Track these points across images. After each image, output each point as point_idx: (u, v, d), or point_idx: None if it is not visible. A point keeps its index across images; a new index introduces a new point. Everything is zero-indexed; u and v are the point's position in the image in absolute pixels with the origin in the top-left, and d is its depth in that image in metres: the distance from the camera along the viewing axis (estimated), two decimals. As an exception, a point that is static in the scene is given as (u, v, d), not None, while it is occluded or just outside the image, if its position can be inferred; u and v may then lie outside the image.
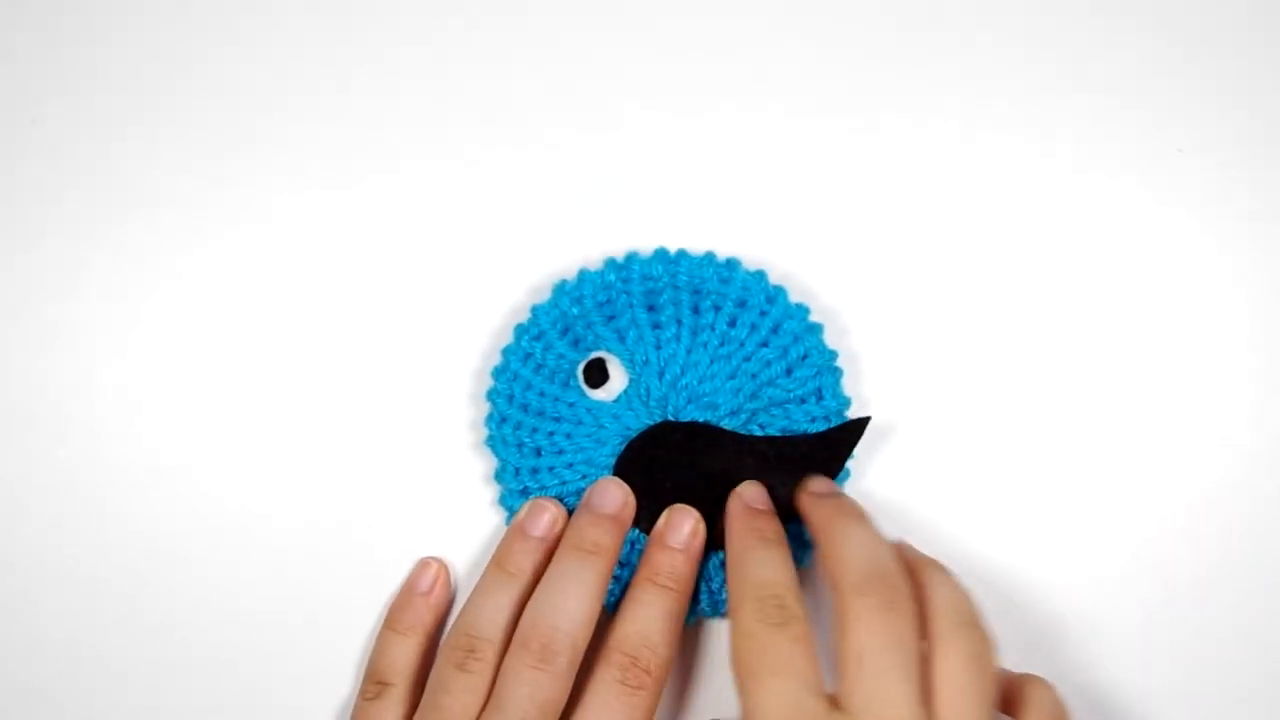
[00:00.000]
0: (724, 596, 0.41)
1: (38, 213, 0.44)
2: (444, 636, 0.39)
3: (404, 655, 0.41)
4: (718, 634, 0.42)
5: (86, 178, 0.44)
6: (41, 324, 0.44)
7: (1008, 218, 0.43)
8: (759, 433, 0.41)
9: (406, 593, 0.42)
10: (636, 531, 0.41)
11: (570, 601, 0.38)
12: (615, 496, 0.40)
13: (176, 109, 0.45)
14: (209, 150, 0.44)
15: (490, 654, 0.38)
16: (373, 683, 0.41)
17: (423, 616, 0.42)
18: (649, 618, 0.38)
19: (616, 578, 0.40)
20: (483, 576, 0.40)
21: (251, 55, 0.45)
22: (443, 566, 0.42)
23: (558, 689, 0.37)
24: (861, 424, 0.41)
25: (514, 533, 0.41)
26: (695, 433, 0.41)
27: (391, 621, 0.42)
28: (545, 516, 0.41)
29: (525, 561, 0.40)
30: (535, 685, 0.37)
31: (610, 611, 0.40)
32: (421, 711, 0.38)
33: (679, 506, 0.40)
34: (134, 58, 0.45)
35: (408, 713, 0.39)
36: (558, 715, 0.37)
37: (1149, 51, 0.44)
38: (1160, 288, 0.43)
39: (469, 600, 0.40)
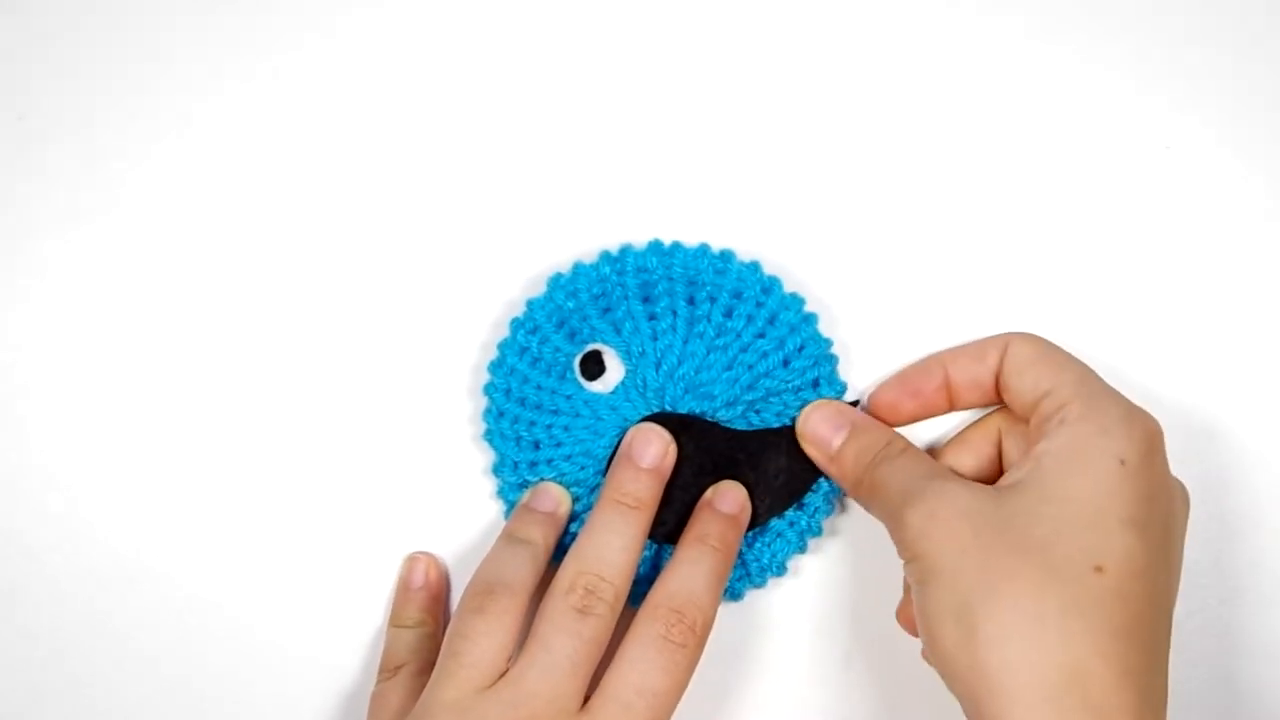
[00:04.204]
0: (728, 584, 0.41)
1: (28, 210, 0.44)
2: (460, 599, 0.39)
3: (413, 642, 0.41)
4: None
5: (76, 175, 0.44)
6: (36, 321, 0.44)
7: (997, 210, 0.43)
8: (756, 421, 0.42)
9: (402, 590, 0.42)
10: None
11: (612, 553, 0.38)
12: (657, 447, 0.40)
13: (170, 105, 0.44)
14: (200, 145, 0.44)
15: (507, 598, 0.38)
16: (386, 670, 0.41)
17: (423, 607, 0.42)
18: (697, 574, 0.38)
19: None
20: (492, 548, 0.40)
21: (245, 49, 0.44)
22: (431, 559, 0.43)
23: (603, 632, 0.37)
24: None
25: (520, 510, 0.41)
26: (685, 425, 0.41)
27: (394, 618, 0.42)
28: (550, 496, 0.41)
29: (534, 532, 0.40)
30: (583, 623, 0.36)
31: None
32: (440, 662, 0.37)
33: (730, 481, 0.41)
34: (125, 55, 0.45)
35: (421, 687, 0.38)
36: (598, 661, 0.37)
37: (1137, 50, 0.44)
38: (1149, 286, 0.43)
39: (481, 564, 0.40)
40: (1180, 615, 0.36)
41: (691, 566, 0.38)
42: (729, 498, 0.40)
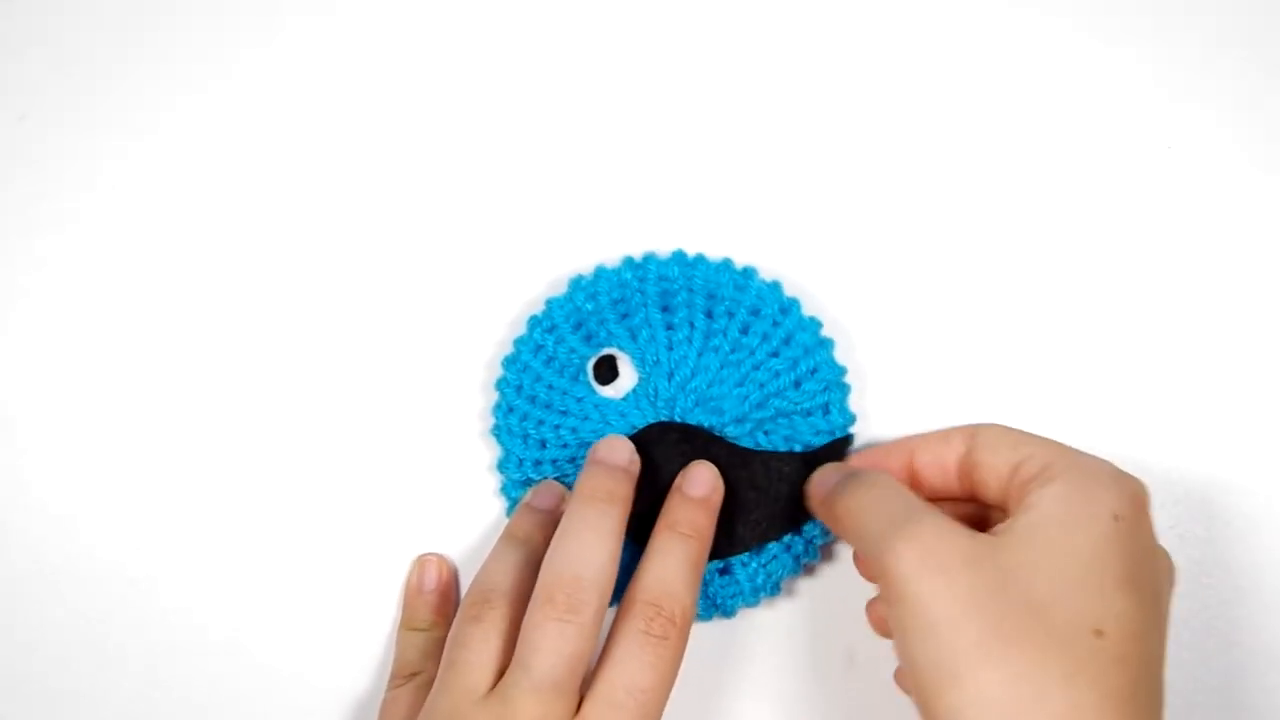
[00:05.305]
0: (719, 601, 0.42)
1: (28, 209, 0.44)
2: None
3: (425, 646, 0.41)
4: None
5: (77, 175, 0.44)
6: (36, 321, 0.43)
7: (1011, 227, 0.44)
8: (764, 442, 0.42)
9: (414, 592, 0.42)
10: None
11: (590, 550, 0.37)
12: (622, 451, 0.40)
13: (171, 105, 0.44)
14: (204, 146, 0.44)
15: (503, 605, 0.37)
16: (399, 676, 0.41)
17: (435, 609, 0.42)
18: (670, 565, 0.38)
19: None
20: (494, 547, 0.40)
21: (253, 49, 0.44)
22: (441, 560, 0.42)
23: (585, 641, 0.36)
24: (844, 443, 0.42)
25: (522, 508, 0.41)
26: (690, 436, 0.41)
27: (406, 621, 0.42)
28: (552, 493, 0.41)
29: (535, 531, 0.40)
30: (561, 638, 0.35)
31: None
32: (440, 671, 0.37)
33: (700, 461, 0.40)
34: (126, 55, 0.44)
35: None
36: (585, 668, 0.36)
37: (1139, 50, 0.44)
38: (1154, 289, 0.43)
39: (481, 568, 0.40)
40: (1183, 616, 0.37)
41: (664, 557, 0.38)
42: (698, 480, 0.40)
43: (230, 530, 0.43)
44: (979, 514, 0.39)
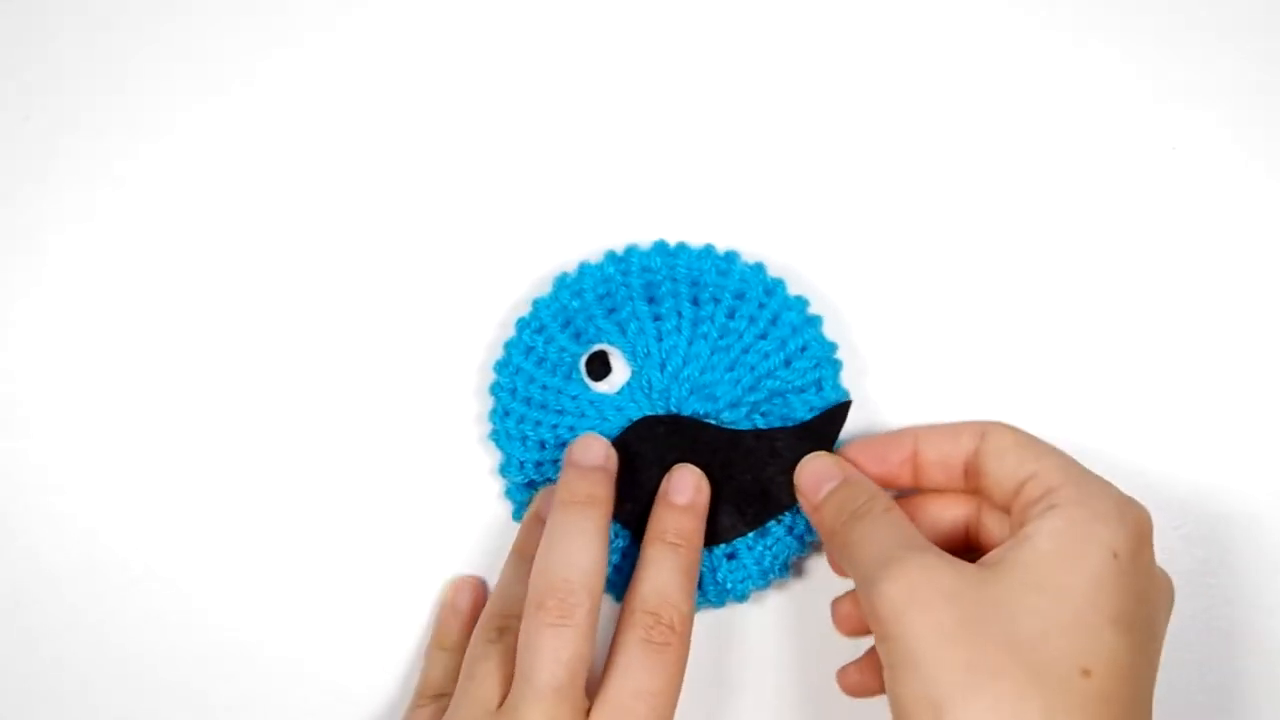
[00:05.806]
0: (729, 586, 0.41)
1: (32, 210, 0.45)
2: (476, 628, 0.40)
3: (454, 669, 0.41)
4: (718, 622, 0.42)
5: (81, 175, 0.45)
6: (40, 321, 0.44)
7: (1007, 213, 0.43)
8: (760, 422, 0.42)
9: (448, 611, 0.42)
10: (626, 540, 0.41)
11: (576, 553, 0.37)
12: (597, 450, 0.40)
13: (174, 106, 0.45)
14: (206, 147, 0.45)
15: (517, 622, 0.37)
16: (424, 695, 0.41)
17: (467, 631, 0.41)
18: (662, 573, 0.38)
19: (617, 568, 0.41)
20: (505, 566, 0.41)
21: (252, 50, 0.45)
22: (480, 582, 0.43)
23: (581, 642, 0.36)
24: (843, 410, 0.41)
25: (530, 521, 0.42)
26: (679, 427, 0.41)
27: (438, 639, 0.42)
28: None
29: None
30: (558, 641, 0.36)
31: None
32: (459, 684, 0.38)
33: (682, 465, 0.40)
34: (129, 55, 0.45)
35: None
36: (587, 670, 0.36)
37: (1141, 50, 0.44)
38: (1155, 286, 0.43)
39: (495, 589, 0.40)
40: (1184, 616, 0.36)
41: (656, 567, 0.38)
42: (681, 487, 0.40)
43: (230, 533, 0.43)
44: (977, 513, 0.39)
